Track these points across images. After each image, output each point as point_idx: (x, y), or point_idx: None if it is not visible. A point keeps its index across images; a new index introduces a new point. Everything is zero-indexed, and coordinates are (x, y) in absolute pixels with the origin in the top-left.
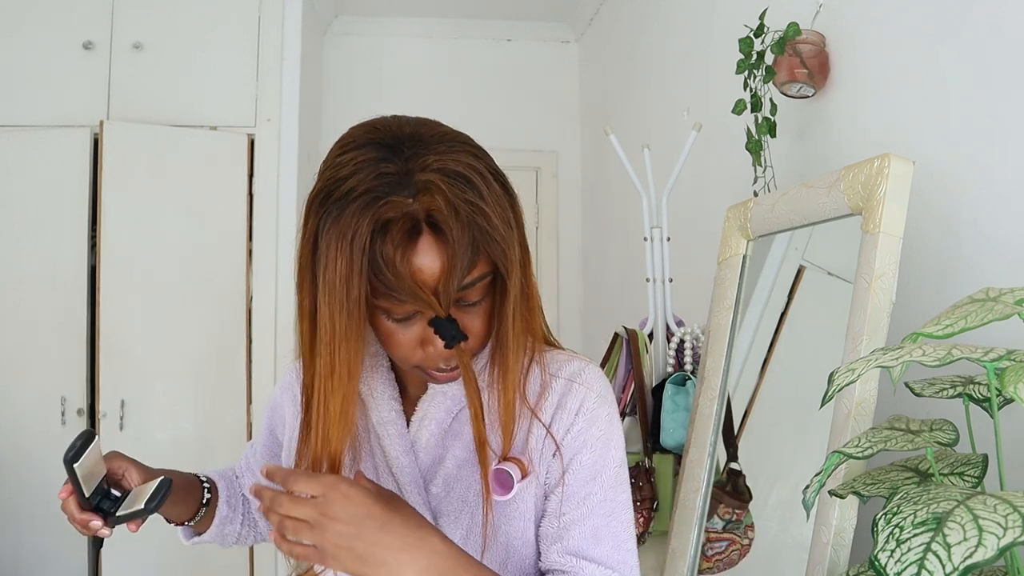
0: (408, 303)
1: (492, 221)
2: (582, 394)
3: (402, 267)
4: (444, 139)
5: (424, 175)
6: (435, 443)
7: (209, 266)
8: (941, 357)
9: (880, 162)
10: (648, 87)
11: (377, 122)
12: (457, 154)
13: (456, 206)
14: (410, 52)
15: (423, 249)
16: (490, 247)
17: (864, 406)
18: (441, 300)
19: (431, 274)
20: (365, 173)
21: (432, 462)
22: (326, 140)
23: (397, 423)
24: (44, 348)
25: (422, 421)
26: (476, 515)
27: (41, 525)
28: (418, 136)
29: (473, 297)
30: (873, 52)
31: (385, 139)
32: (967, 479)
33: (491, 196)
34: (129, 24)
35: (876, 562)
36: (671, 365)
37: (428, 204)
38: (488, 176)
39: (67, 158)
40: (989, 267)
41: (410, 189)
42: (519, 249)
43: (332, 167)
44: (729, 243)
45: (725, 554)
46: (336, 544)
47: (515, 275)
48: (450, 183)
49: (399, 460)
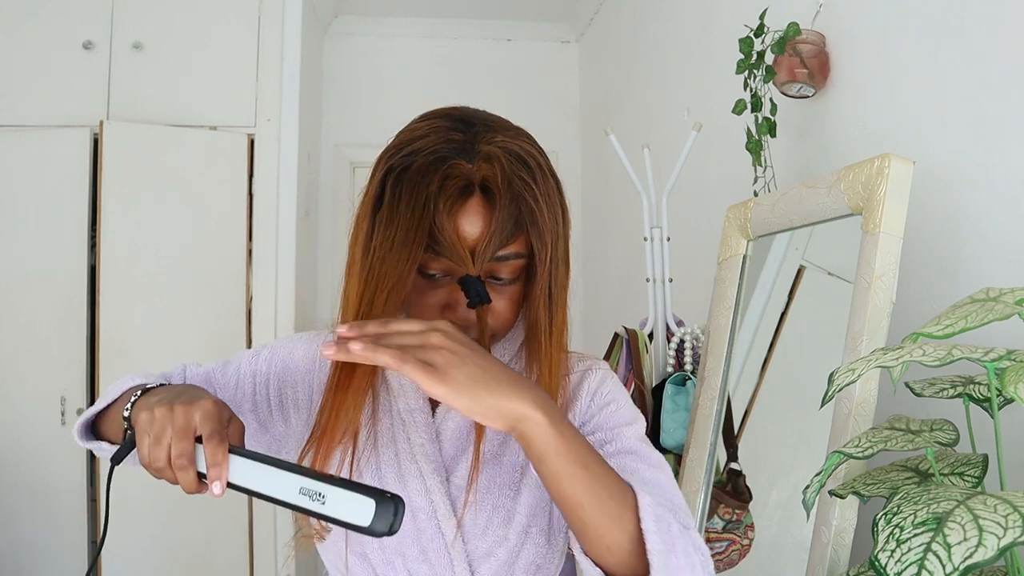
0: (444, 257)
1: (540, 205)
2: (599, 377)
3: (448, 221)
4: (512, 129)
5: (488, 147)
6: (460, 434)
7: (209, 266)
8: (941, 357)
9: (880, 162)
10: (648, 87)
11: (457, 106)
12: (522, 142)
13: (510, 179)
14: (410, 52)
15: (470, 209)
16: (532, 229)
17: (864, 406)
18: (476, 260)
19: (472, 235)
20: (436, 136)
21: (456, 452)
22: (326, 140)
23: (424, 411)
24: (44, 348)
25: (448, 412)
26: (497, 507)
27: (41, 524)
28: (490, 120)
29: (504, 274)
30: (873, 52)
31: (460, 116)
32: (967, 479)
33: (544, 185)
34: (129, 24)
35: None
36: (671, 365)
37: (485, 171)
38: (545, 170)
39: (67, 158)
40: (989, 267)
41: (472, 155)
42: (562, 247)
43: (407, 130)
44: (729, 243)
45: (725, 554)
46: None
47: (551, 267)
48: (510, 159)
49: (424, 448)
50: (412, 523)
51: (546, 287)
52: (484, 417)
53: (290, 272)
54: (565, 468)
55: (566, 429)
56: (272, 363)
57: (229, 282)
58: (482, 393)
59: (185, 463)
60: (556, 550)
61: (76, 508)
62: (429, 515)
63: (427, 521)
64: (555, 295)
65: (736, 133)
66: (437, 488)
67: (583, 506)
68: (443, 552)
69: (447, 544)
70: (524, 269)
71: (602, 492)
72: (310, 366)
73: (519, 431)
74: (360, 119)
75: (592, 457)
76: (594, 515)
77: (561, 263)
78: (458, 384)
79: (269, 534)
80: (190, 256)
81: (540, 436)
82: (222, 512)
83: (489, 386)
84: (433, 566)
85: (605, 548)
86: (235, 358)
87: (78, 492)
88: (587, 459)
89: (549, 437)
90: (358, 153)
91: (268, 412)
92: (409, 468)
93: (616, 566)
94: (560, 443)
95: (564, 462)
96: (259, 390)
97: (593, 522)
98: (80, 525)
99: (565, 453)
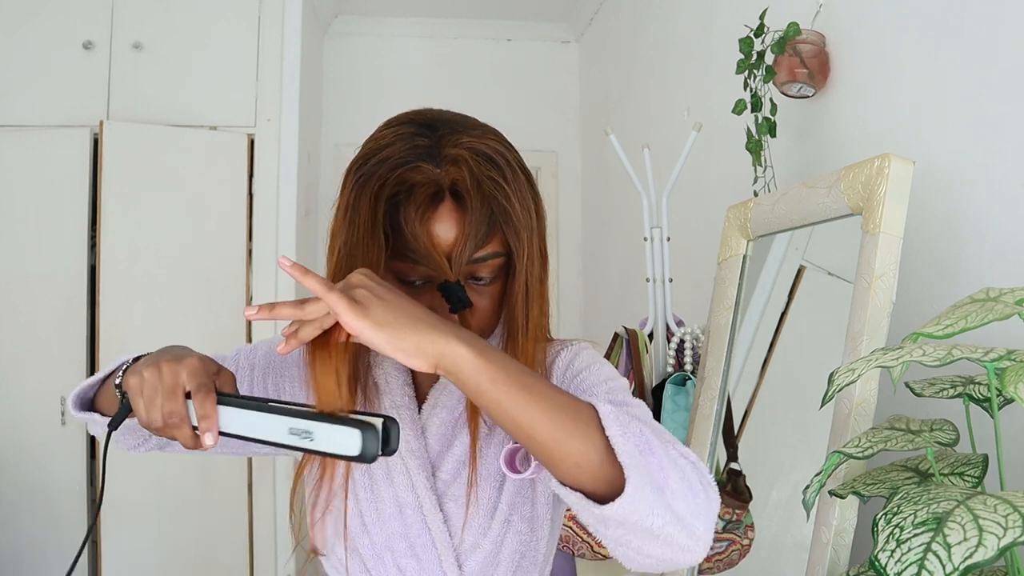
0: (422, 265)
1: (512, 203)
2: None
3: (420, 229)
4: (478, 127)
5: (454, 150)
6: (445, 430)
7: (209, 266)
8: (941, 357)
9: (880, 162)
10: (648, 87)
11: (420, 109)
12: (488, 140)
13: (480, 180)
14: (410, 52)
15: (442, 215)
16: (506, 227)
17: (864, 406)
18: (452, 265)
19: (447, 240)
20: (401, 144)
21: (442, 448)
22: (326, 140)
23: (410, 408)
24: (44, 348)
25: (433, 408)
26: (482, 500)
27: (41, 524)
28: (455, 121)
29: (483, 274)
30: (873, 52)
31: (424, 120)
32: (967, 479)
33: (514, 182)
34: (129, 24)
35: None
36: (671, 365)
37: (454, 175)
38: (514, 165)
39: (67, 158)
40: (989, 267)
41: (439, 160)
42: (537, 242)
43: (373, 139)
44: (729, 243)
45: (725, 554)
46: (372, 301)
47: (528, 264)
48: (477, 160)
49: (410, 444)
50: (399, 519)
51: (524, 283)
52: (405, 354)
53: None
54: (505, 394)
55: (495, 356)
56: (268, 356)
57: (229, 282)
58: (403, 331)
59: (177, 421)
60: (540, 538)
61: (76, 508)
62: (416, 511)
63: (414, 516)
64: (532, 290)
65: (736, 133)
66: (423, 484)
67: (537, 428)
68: (430, 547)
69: (434, 539)
70: (504, 267)
71: (554, 411)
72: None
73: (444, 368)
74: (360, 119)
75: (534, 380)
76: (552, 435)
77: (537, 257)
78: (379, 320)
79: (269, 534)
80: (190, 256)
81: (468, 367)
82: (222, 512)
83: (411, 324)
84: (421, 560)
85: (574, 466)
86: (232, 353)
87: (78, 492)
88: (528, 381)
89: (479, 365)
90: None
91: None
92: (396, 465)
93: (591, 482)
94: (492, 369)
95: (503, 387)
96: (255, 384)
97: (553, 443)
98: (80, 525)
99: (501, 379)
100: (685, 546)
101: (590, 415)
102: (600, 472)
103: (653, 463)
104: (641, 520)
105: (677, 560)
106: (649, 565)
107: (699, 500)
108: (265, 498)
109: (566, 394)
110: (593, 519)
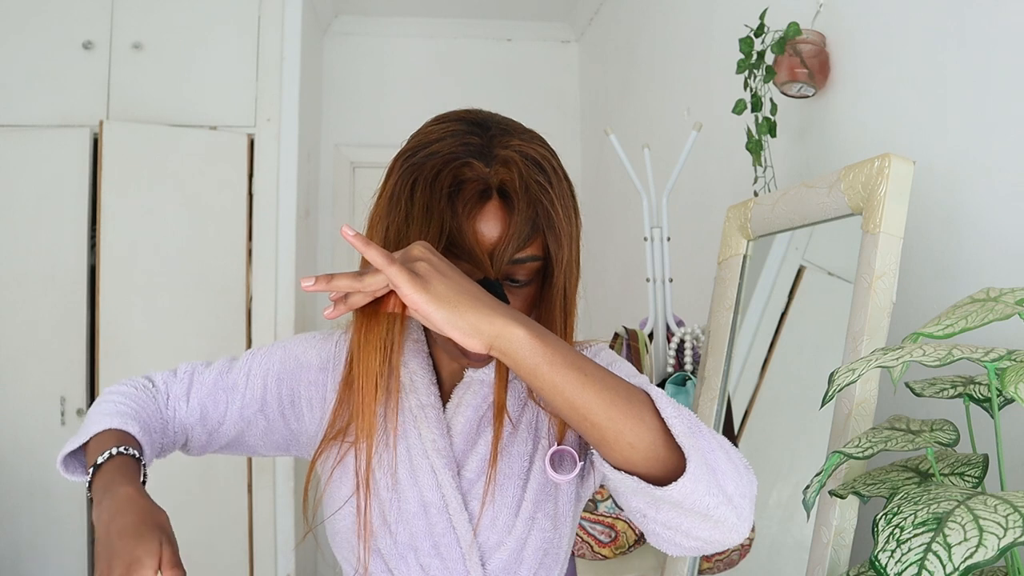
0: (463, 261)
1: (556, 208)
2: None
3: (466, 226)
4: (526, 132)
5: (505, 151)
6: (470, 428)
7: (209, 266)
8: (941, 357)
9: (880, 162)
10: (648, 87)
11: (471, 109)
12: (536, 145)
13: (527, 183)
14: (410, 52)
15: (489, 213)
16: (548, 232)
17: (864, 406)
18: (494, 263)
19: (490, 238)
20: (452, 140)
21: (466, 447)
22: (326, 140)
23: (435, 406)
24: (44, 348)
25: (457, 407)
26: (507, 497)
27: (41, 524)
28: (505, 123)
29: (520, 276)
30: (873, 52)
31: (475, 119)
32: (967, 479)
33: (559, 188)
34: (129, 24)
35: (876, 562)
36: (671, 365)
37: (503, 175)
38: (560, 173)
39: (67, 158)
40: (989, 267)
41: (489, 159)
42: (575, 249)
43: (422, 133)
44: (729, 243)
45: (725, 554)
46: (433, 275)
47: (566, 269)
48: (526, 163)
49: (436, 443)
50: (424, 518)
51: (562, 289)
52: (461, 332)
53: (290, 272)
54: (562, 375)
55: (551, 338)
56: (285, 362)
57: (229, 282)
58: (462, 308)
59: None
60: (563, 535)
61: (76, 508)
62: (441, 510)
63: (439, 516)
64: (570, 296)
65: (736, 133)
66: (449, 483)
67: (592, 410)
68: (455, 546)
69: (459, 538)
70: (539, 271)
71: (609, 392)
72: (324, 365)
73: (500, 349)
74: (360, 119)
75: (588, 362)
76: (608, 415)
77: (575, 265)
78: (439, 295)
79: (269, 534)
80: (190, 256)
81: (524, 349)
82: (222, 512)
83: (469, 302)
84: (445, 560)
85: (628, 446)
86: (244, 358)
87: (78, 492)
88: (582, 364)
89: (536, 347)
90: (358, 153)
91: (278, 411)
92: (421, 464)
93: (644, 463)
94: (548, 351)
95: (560, 368)
96: (270, 389)
97: (609, 423)
98: (80, 525)
99: (558, 361)
100: (734, 526)
101: (643, 398)
102: (653, 453)
103: (704, 445)
104: (699, 500)
105: (723, 541)
106: (694, 548)
107: (743, 480)
108: (265, 498)
109: (619, 377)
110: (648, 502)
